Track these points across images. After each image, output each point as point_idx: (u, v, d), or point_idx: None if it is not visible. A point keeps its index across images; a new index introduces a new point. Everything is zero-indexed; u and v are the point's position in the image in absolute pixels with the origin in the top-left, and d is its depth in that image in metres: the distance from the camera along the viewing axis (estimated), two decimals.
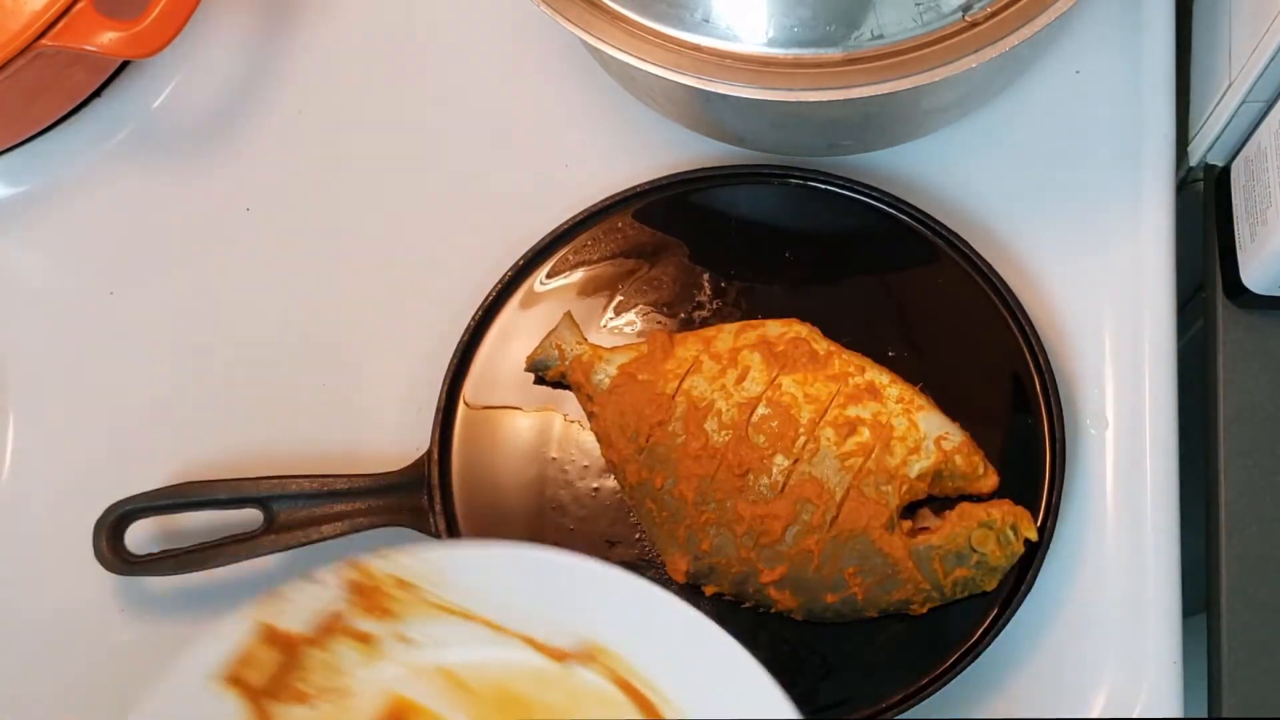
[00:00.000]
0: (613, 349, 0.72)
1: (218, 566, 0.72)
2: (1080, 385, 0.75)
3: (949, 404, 0.71)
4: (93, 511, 0.72)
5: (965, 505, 0.69)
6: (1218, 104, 0.75)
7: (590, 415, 0.72)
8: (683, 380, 0.70)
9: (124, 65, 0.84)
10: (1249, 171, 0.72)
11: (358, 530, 0.72)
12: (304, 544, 0.71)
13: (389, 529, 0.72)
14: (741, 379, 0.69)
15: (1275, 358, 0.75)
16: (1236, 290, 0.74)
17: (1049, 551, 0.69)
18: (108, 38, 0.73)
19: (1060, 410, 0.71)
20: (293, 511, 0.72)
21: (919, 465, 0.68)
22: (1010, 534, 0.68)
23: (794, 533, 0.67)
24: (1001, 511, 0.68)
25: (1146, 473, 0.74)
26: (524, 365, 0.74)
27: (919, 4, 0.66)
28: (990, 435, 0.71)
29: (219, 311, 0.80)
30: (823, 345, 0.71)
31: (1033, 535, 0.68)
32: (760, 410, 0.69)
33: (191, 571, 0.72)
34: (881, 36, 0.66)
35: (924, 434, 0.68)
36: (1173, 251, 0.77)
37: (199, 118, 0.84)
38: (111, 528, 0.72)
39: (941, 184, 0.79)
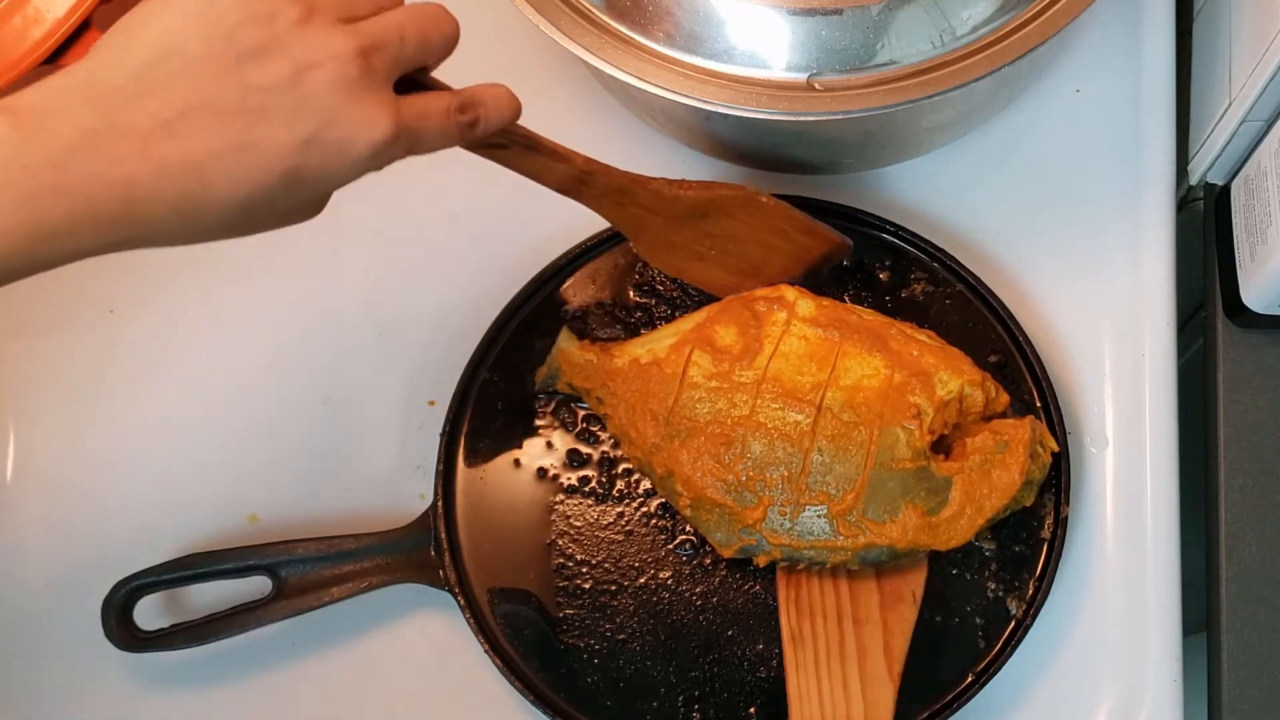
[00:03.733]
0: (617, 344, 0.73)
1: (229, 636, 0.71)
2: (1081, 404, 0.75)
3: None
4: (100, 588, 0.71)
5: (986, 427, 0.69)
6: (1218, 123, 0.75)
7: (605, 418, 0.72)
8: (689, 358, 0.70)
9: None
10: (1249, 190, 0.73)
11: (368, 589, 0.71)
12: (314, 607, 0.71)
13: (400, 585, 0.72)
14: (741, 357, 0.69)
15: (1275, 377, 0.75)
16: (1236, 309, 0.74)
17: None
18: None
19: (1064, 429, 0.71)
20: (301, 576, 0.71)
21: (942, 390, 0.68)
22: (1038, 447, 0.69)
23: (834, 476, 0.67)
24: (1022, 426, 0.69)
25: (1147, 491, 0.74)
26: (534, 388, 0.74)
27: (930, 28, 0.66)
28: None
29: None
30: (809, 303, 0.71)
31: (1053, 445, 0.70)
32: (774, 364, 0.69)
33: (203, 644, 0.71)
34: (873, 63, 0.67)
35: (937, 367, 0.69)
36: (1173, 270, 0.77)
37: None
38: (120, 605, 0.71)
39: (941, 201, 0.79)
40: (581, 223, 0.76)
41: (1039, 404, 0.72)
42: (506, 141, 0.61)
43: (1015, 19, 0.67)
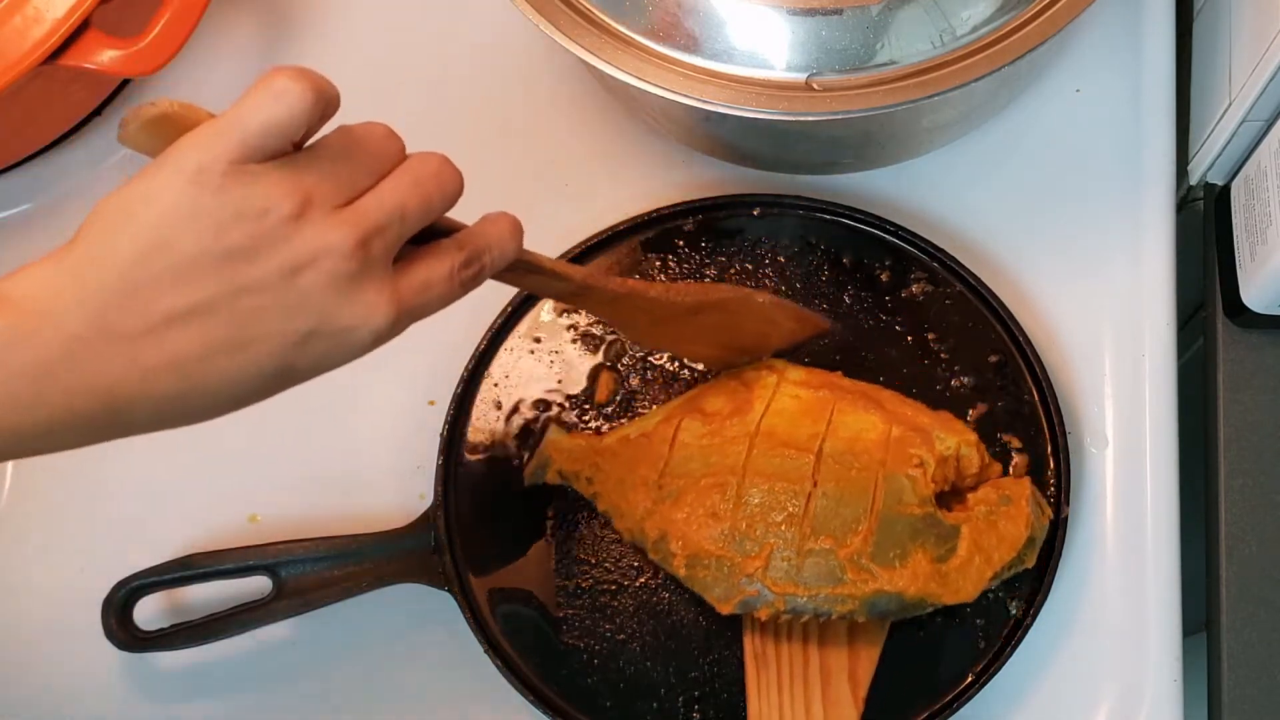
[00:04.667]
0: (603, 435, 0.72)
1: (229, 636, 0.71)
2: (1081, 404, 0.75)
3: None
4: (100, 588, 0.71)
5: (986, 485, 0.69)
6: (1218, 123, 0.75)
7: (595, 497, 0.71)
8: (678, 425, 0.69)
9: (124, 84, 0.84)
10: (1249, 190, 0.73)
11: (368, 589, 0.71)
12: (315, 607, 0.71)
13: (400, 585, 0.72)
14: (733, 415, 0.69)
15: (1275, 377, 0.75)
16: (1236, 309, 0.74)
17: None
18: (108, 56, 0.73)
19: (1063, 429, 0.71)
20: (302, 576, 0.71)
21: (941, 446, 0.68)
22: (1038, 506, 0.69)
23: (840, 519, 0.66)
24: (1021, 483, 0.69)
25: (1147, 491, 0.74)
26: (524, 481, 0.73)
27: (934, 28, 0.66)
28: (993, 454, 0.72)
29: None
30: (797, 373, 0.71)
31: (1049, 511, 0.69)
32: (767, 420, 0.68)
33: (203, 644, 0.72)
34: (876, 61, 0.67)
35: (932, 426, 0.69)
36: (1173, 270, 0.77)
37: None
38: (120, 605, 0.71)
39: (941, 201, 0.79)
40: (582, 223, 0.76)
41: (1039, 404, 0.72)
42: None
43: (1015, 19, 0.67)
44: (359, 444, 0.77)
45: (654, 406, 0.73)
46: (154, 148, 0.49)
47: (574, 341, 0.75)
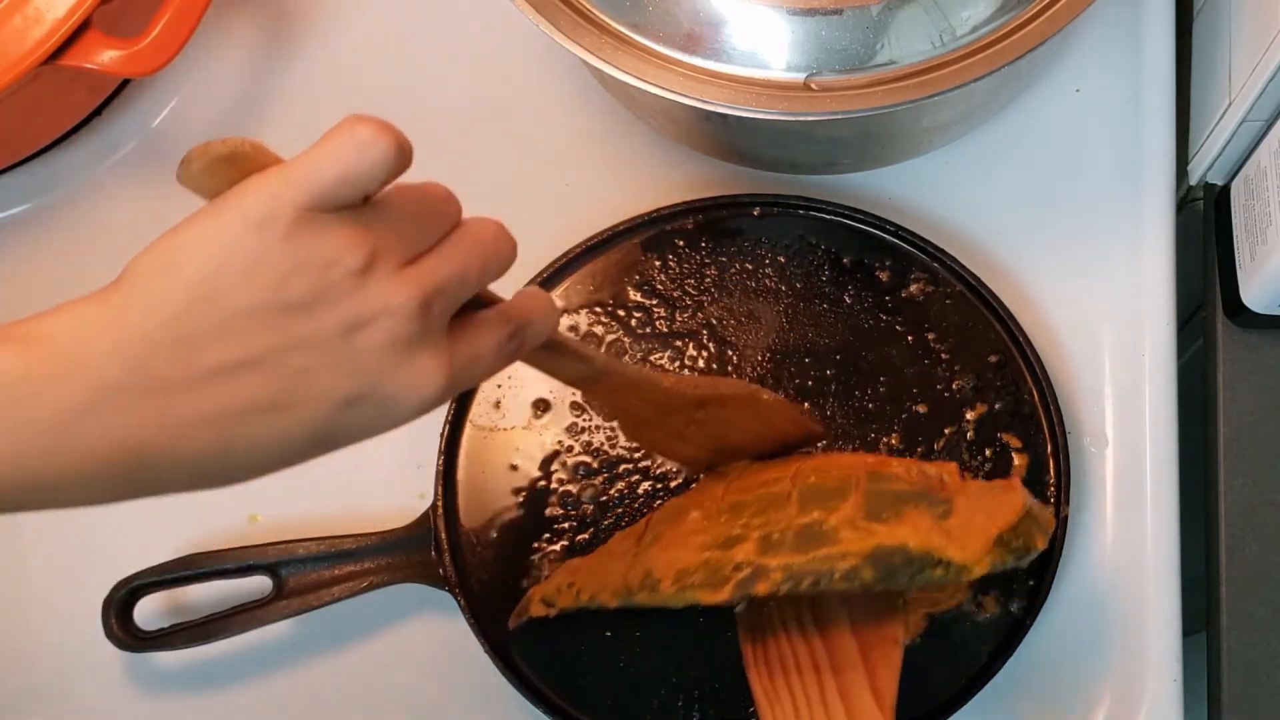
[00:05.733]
0: (575, 567, 0.70)
1: (229, 636, 0.71)
2: (1081, 404, 0.75)
3: (948, 425, 0.72)
4: (100, 588, 0.71)
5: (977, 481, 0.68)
6: (1218, 123, 0.75)
7: (578, 593, 0.68)
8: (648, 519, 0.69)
9: (124, 84, 0.84)
10: (1249, 190, 0.73)
11: (368, 589, 0.71)
12: (315, 607, 0.71)
13: (400, 585, 0.72)
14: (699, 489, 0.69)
15: (1274, 376, 0.75)
16: (1236, 309, 0.74)
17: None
18: (108, 56, 0.73)
19: (1064, 429, 0.71)
20: (302, 575, 0.72)
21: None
22: (1036, 511, 0.65)
23: (826, 496, 0.62)
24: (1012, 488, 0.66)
25: (1146, 490, 0.74)
26: (509, 626, 0.70)
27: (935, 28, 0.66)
28: (992, 455, 0.72)
29: None
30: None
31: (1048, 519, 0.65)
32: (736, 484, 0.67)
33: (204, 644, 0.72)
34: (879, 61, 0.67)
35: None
36: (1173, 270, 0.77)
37: (199, 136, 0.83)
38: (121, 604, 0.71)
39: (940, 202, 0.79)
40: (582, 223, 0.76)
41: (1039, 404, 0.72)
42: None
43: (1015, 19, 0.67)
44: (359, 444, 0.77)
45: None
46: (214, 189, 0.46)
47: None
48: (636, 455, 0.73)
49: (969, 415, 0.73)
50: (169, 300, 0.44)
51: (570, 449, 0.73)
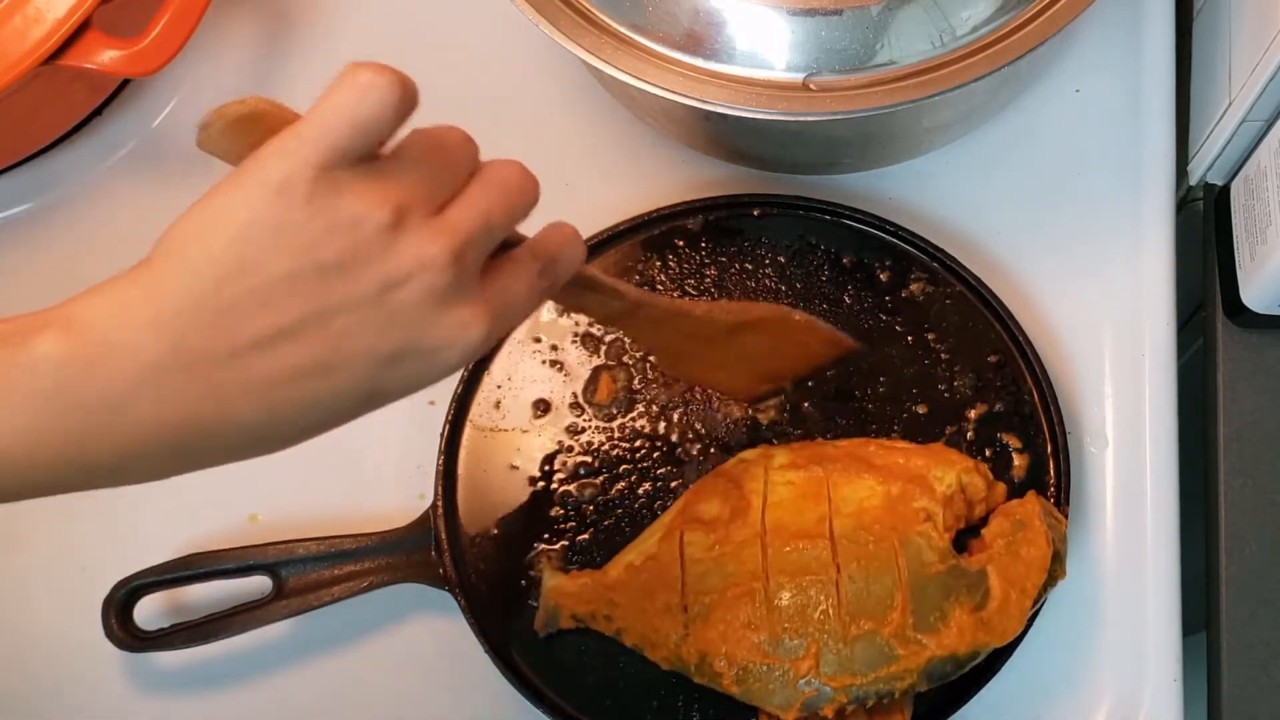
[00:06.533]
0: (606, 571, 0.70)
1: (229, 636, 0.71)
2: (1081, 404, 0.75)
3: (948, 425, 0.72)
4: (100, 588, 0.71)
5: (995, 515, 0.69)
6: (1217, 123, 0.75)
7: (621, 633, 0.69)
8: (681, 541, 0.68)
9: (124, 84, 0.84)
10: (1249, 190, 0.73)
11: (368, 589, 0.71)
12: (315, 607, 0.71)
13: (400, 585, 0.72)
14: (734, 519, 0.68)
15: (1274, 376, 0.75)
16: (1236, 309, 0.74)
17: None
18: (108, 56, 0.73)
19: (1064, 429, 0.71)
20: (302, 575, 0.72)
21: (942, 486, 0.67)
22: (1051, 519, 0.68)
23: (873, 598, 0.65)
24: (1028, 501, 0.68)
25: (1146, 490, 0.74)
26: (538, 632, 0.70)
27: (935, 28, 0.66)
28: (992, 455, 0.72)
29: None
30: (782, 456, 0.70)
31: (1059, 516, 0.69)
32: (770, 514, 0.67)
33: (203, 644, 0.72)
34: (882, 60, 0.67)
35: (928, 467, 0.68)
36: (1173, 270, 0.77)
37: None
38: (120, 605, 0.71)
39: (941, 201, 0.79)
40: (581, 222, 0.76)
41: (1039, 404, 0.72)
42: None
43: (1015, 19, 0.67)
44: (359, 444, 0.77)
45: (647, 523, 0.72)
46: (237, 152, 0.45)
47: (574, 342, 0.75)
48: (637, 455, 0.73)
49: (969, 415, 0.73)
50: (201, 275, 0.44)
51: (570, 449, 0.73)
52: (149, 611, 0.73)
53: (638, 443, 0.73)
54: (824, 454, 0.70)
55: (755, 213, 0.76)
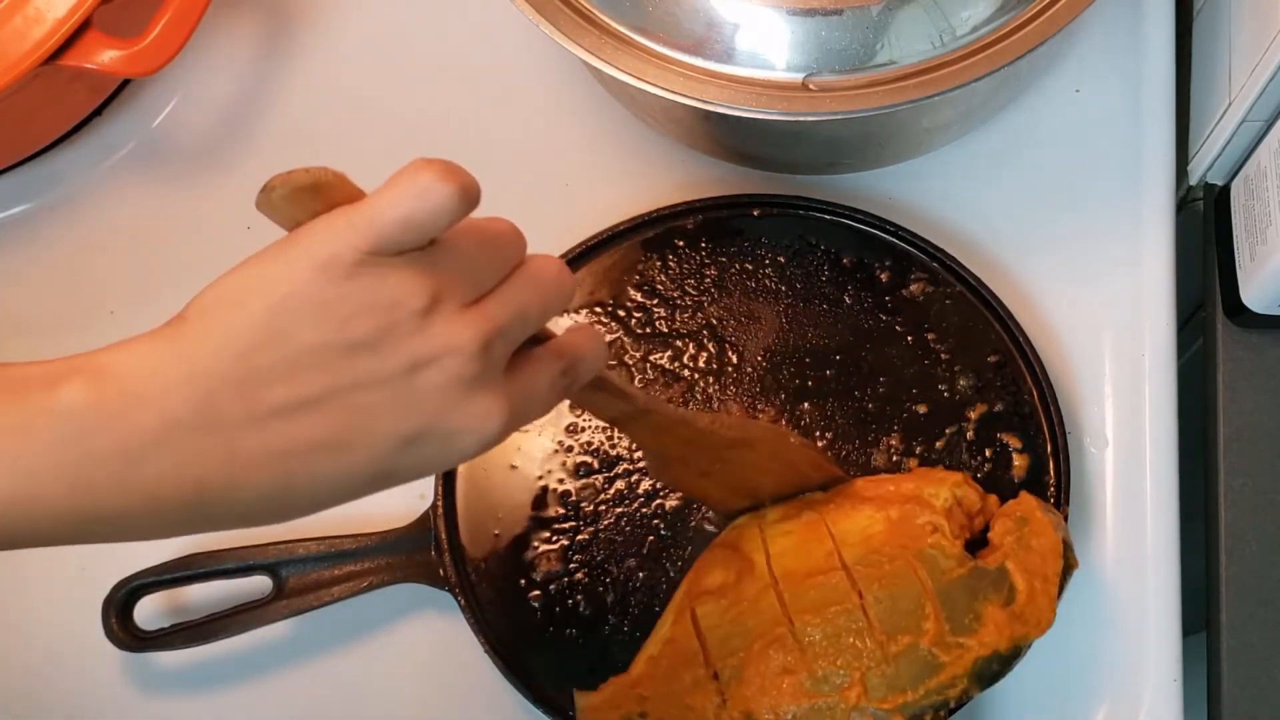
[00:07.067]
0: (629, 671, 0.68)
1: (229, 636, 0.71)
2: (1081, 404, 0.75)
3: (948, 425, 0.72)
4: (100, 588, 0.71)
5: (996, 520, 0.68)
6: (1217, 123, 0.75)
7: (643, 716, 0.67)
8: (694, 616, 0.67)
9: (124, 84, 0.84)
10: (1249, 191, 0.73)
11: (369, 589, 0.71)
12: (315, 607, 0.71)
13: (400, 585, 0.72)
14: (740, 579, 0.67)
15: (1275, 377, 0.75)
16: (1236, 309, 0.74)
17: None
18: (108, 56, 0.73)
19: (1064, 429, 0.71)
20: (302, 575, 0.72)
21: (939, 502, 0.67)
22: (1050, 511, 0.67)
23: (902, 613, 0.64)
24: (1022, 499, 0.68)
25: (1146, 491, 0.74)
26: None
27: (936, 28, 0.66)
28: (992, 455, 0.72)
29: None
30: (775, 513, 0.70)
31: (1055, 510, 0.68)
32: (776, 565, 0.67)
33: (203, 644, 0.72)
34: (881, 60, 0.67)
35: (920, 488, 0.68)
36: (1173, 270, 0.77)
37: (199, 136, 0.84)
38: (121, 604, 0.71)
39: (940, 201, 0.79)
40: (581, 222, 0.76)
41: (1039, 404, 0.72)
42: None
43: (1015, 19, 0.67)
44: None
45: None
46: (294, 218, 0.46)
47: None
48: (636, 455, 0.73)
49: (969, 415, 0.73)
50: (236, 338, 0.45)
51: (570, 449, 0.73)
52: (149, 611, 0.73)
53: None
54: (813, 500, 0.70)
55: (755, 213, 0.76)
